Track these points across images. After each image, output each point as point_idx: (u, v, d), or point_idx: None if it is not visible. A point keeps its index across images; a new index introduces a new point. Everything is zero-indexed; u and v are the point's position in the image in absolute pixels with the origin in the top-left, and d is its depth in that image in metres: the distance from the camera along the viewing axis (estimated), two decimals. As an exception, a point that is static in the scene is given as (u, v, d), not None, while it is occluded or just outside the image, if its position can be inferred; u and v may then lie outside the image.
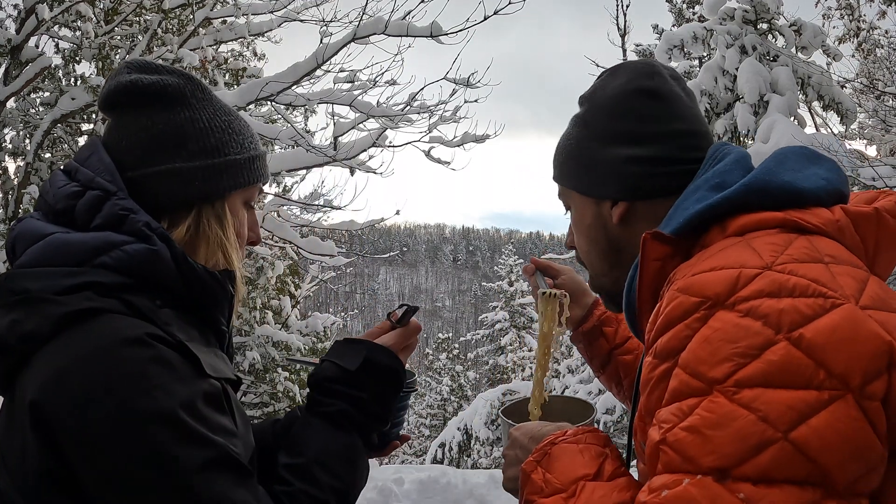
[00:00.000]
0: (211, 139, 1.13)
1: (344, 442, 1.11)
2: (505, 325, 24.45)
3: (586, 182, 1.17)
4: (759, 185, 0.98)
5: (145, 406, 0.92)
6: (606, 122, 1.15)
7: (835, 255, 0.90)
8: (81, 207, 1.06)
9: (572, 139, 1.20)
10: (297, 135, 6.45)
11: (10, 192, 8.38)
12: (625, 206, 1.13)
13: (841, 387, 0.78)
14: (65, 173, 1.12)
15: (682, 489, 0.79)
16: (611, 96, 1.16)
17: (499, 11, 5.71)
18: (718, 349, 0.82)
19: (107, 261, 1.01)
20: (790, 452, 0.77)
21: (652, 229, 1.01)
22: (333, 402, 1.12)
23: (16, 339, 0.97)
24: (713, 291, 0.86)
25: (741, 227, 0.96)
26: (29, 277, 1.00)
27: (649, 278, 1.00)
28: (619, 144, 1.13)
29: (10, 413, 0.99)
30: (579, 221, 1.21)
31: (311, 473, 1.06)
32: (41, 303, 0.97)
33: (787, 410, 0.77)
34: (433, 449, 13.90)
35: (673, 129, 1.12)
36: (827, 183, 1.00)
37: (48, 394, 0.93)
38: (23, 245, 1.05)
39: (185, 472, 0.92)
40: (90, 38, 8.20)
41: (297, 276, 14.89)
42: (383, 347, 1.17)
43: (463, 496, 5.99)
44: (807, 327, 0.80)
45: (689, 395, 0.83)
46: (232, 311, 1.17)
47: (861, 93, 11.04)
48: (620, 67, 1.20)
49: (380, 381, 1.15)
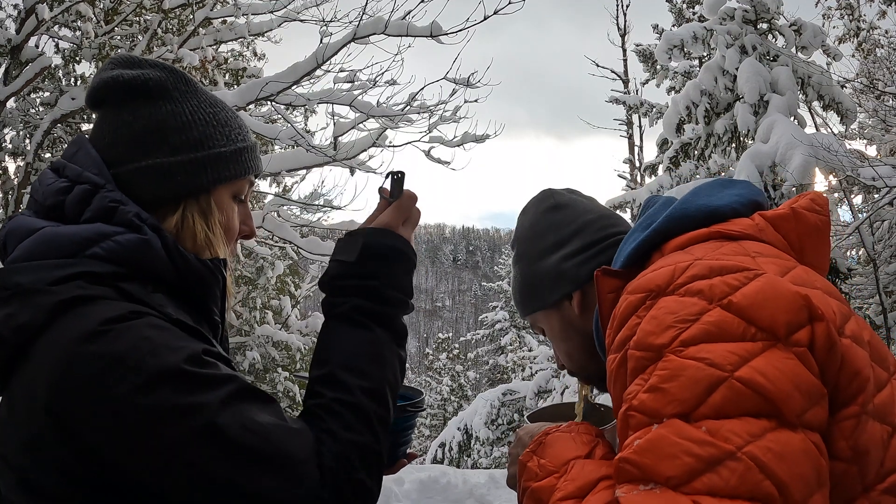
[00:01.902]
0: (194, 132, 1.11)
1: (364, 339, 1.07)
2: (505, 325, 24.43)
3: (541, 298, 1.32)
4: (678, 213, 1.12)
5: (152, 366, 0.91)
6: (532, 246, 1.34)
7: (761, 252, 1.03)
8: (71, 202, 1.05)
9: (517, 276, 1.38)
10: (297, 135, 6.45)
11: (10, 192, 8.39)
12: (578, 294, 1.28)
13: (770, 338, 0.89)
14: (53, 171, 1.11)
15: (651, 433, 0.87)
16: (528, 226, 1.36)
17: (499, 11, 5.71)
18: (662, 320, 0.93)
19: (98, 251, 1.01)
20: (739, 388, 0.85)
21: (601, 267, 1.15)
22: (345, 299, 1.09)
23: (10, 331, 0.96)
24: (655, 284, 0.98)
25: (677, 246, 1.09)
26: (21, 271, 1.00)
27: (607, 309, 1.12)
28: (549, 255, 1.31)
29: (10, 409, 0.98)
30: (552, 332, 1.35)
31: (338, 379, 1.03)
32: (34, 294, 0.97)
33: (729, 355, 0.87)
34: (433, 449, 13.90)
35: (582, 221, 1.31)
36: (740, 197, 1.13)
37: (57, 390, 0.92)
38: (14, 241, 1.05)
39: (209, 414, 0.91)
40: (90, 38, 8.20)
41: (297, 276, 14.90)
42: (380, 229, 1.12)
43: (463, 496, 5.99)
44: (734, 294, 0.92)
45: (645, 366, 0.92)
46: (224, 301, 1.16)
47: (861, 93, 11.04)
48: (526, 205, 1.41)
49: (386, 262, 1.11)
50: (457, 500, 5.95)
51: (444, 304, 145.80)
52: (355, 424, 1.01)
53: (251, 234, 1.23)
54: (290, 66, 6.38)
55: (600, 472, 1.00)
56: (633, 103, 15.42)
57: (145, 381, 0.91)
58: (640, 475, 0.85)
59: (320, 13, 7.09)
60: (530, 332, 23.62)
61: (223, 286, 1.14)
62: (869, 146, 11.96)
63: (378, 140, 6.79)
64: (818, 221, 1.11)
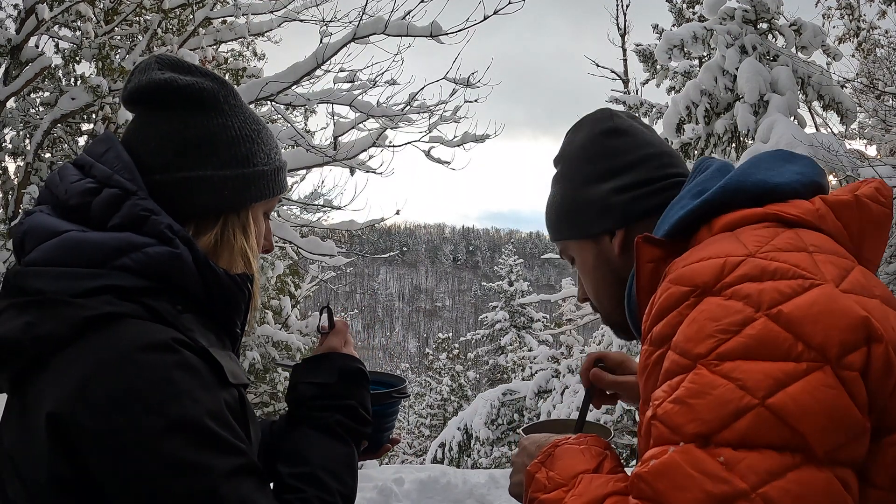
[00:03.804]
0: (242, 148, 1.11)
1: (344, 451, 1.13)
2: (505, 325, 24.42)
3: (580, 226, 1.23)
4: (734, 185, 1.03)
5: (173, 413, 0.90)
6: (582, 169, 1.23)
7: (819, 245, 0.94)
8: (98, 205, 1.02)
9: (557, 195, 1.27)
10: (297, 135, 6.45)
11: (10, 192, 8.39)
12: (622, 233, 1.19)
13: (819, 358, 0.81)
14: (77, 167, 1.08)
15: (667, 457, 0.83)
16: (580, 146, 1.25)
17: (499, 11, 5.72)
18: (703, 327, 0.86)
19: (127, 263, 0.98)
20: (767, 418, 0.80)
21: (643, 234, 1.07)
22: (327, 414, 1.14)
23: (30, 341, 0.93)
24: (701, 280, 0.91)
25: (727, 225, 1.00)
26: (43, 277, 0.97)
27: (645, 279, 1.05)
28: (599, 182, 1.20)
29: (22, 418, 0.96)
30: (584, 266, 1.26)
31: (320, 479, 1.07)
32: (59, 305, 0.94)
33: (764, 378, 0.81)
34: (433, 449, 13.90)
35: (643, 154, 1.21)
36: (801, 176, 1.04)
37: (70, 403, 0.90)
38: (33, 241, 1.01)
39: (214, 479, 0.91)
40: (90, 38, 8.19)
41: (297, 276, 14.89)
42: (344, 354, 1.20)
43: (463, 496, 5.99)
44: (785, 304, 0.84)
45: (677, 372, 0.87)
46: (248, 314, 1.16)
47: (861, 93, 11.04)
48: (581, 121, 1.30)
49: (357, 385, 1.18)
50: (457, 500, 5.95)
51: (444, 304, 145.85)
52: None
53: (270, 248, 1.24)
54: (290, 66, 6.38)
55: (608, 487, 0.97)
56: (633, 103, 15.41)
57: (162, 426, 0.89)
58: (653, 497, 0.83)
59: (320, 13, 7.09)
60: (530, 331, 23.61)
61: (248, 299, 1.14)
62: (869, 146, 11.97)
63: (378, 140, 6.79)
64: (881, 214, 1.01)
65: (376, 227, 7.64)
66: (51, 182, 1.08)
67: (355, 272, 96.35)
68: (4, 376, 0.98)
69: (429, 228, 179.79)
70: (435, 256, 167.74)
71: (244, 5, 8.03)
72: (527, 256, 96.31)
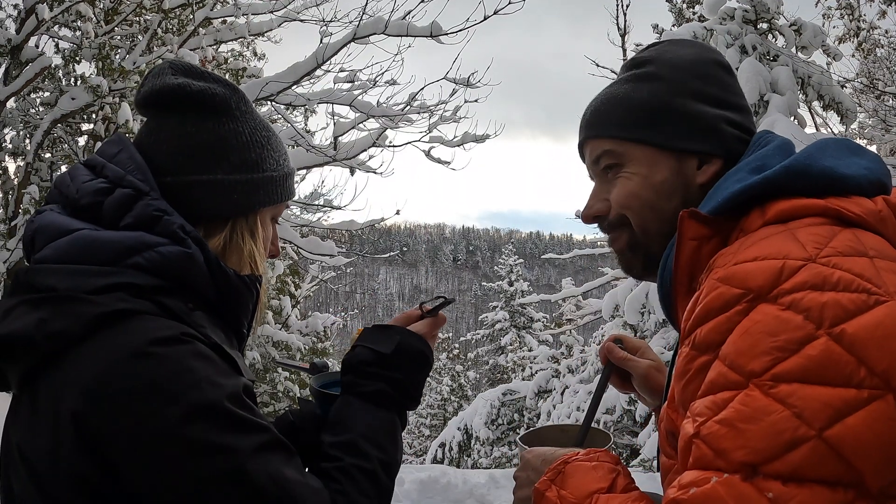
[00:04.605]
0: (252, 154, 1.12)
1: (385, 417, 1.14)
2: (505, 324, 24.41)
3: (669, 134, 1.09)
4: (799, 168, 0.95)
5: (193, 399, 0.92)
6: (691, 82, 1.11)
7: (879, 250, 0.87)
8: (110, 205, 1.02)
9: (644, 92, 1.11)
10: (297, 135, 6.45)
11: (10, 192, 8.39)
12: (720, 164, 1.08)
13: (882, 385, 0.76)
14: (88, 167, 1.08)
15: (709, 487, 0.77)
16: (690, 60, 1.13)
17: (499, 11, 5.73)
18: (758, 342, 0.80)
19: (140, 261, 0.99)
20: (823, 451, 0.74)
21: (689, 209, 0.99)
22: (372, 382, 1.15)
23: (43, 337, 0.94)
24: (756, 283, 0.84)
25: (782, 213, 0.93)
26: (55, 274, 0.97)
27: (685, 258, 0.98)
28: (708, 104, 1.09)
29: (33, 413, 0.96)
30: (647, 177, 1.10)
31: (359, 447, 1.08)
32: (71, 301, 0.95)
33: (823, 407, 0.75)
34: (433, 449, 13.89)
35: (744, 103, 1.14)
36: (869, 172, 0.97)
37: (90, 400, 0.91)
38: (44, 239, 1.01)
39: (240, 458, 0.93)
40: (90, 38, 8.19)
41: (297, 276, 14.90)
42: (414, 333, 1.22)
43: (463, 496, 5.98)
44: (849, 323, 0.78)
45: (725, 387, 0.81)
46: (255, 315, 1.18)
47: (861, 93, 11.05)
48: (682, 41, 1.18)
49: (412, 363, 1.19)
50: (457, 500, 5.95)
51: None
52: (369, 491, 1.06)
53: (277, 253, 1.26)
54: (290, 66, 6.39)
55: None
56: (633, 103, 15.41)
57: (184, 413, 0.91)
58: None
59: (320, 13, 7.09)
60: (530, 331, 23.61)
61: (256, 300, 1.16)
62: (869, 146, 11.97)
63: (378, 140, 6.79)
64: None
65: (376, 227, 7.65)
66: (61, 182, 1.09)
67: (355, 272, 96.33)
68: (14, 373, 0.99)
69: (429, 228, 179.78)
70: (435, 256, 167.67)
71: (244, 5, 8.03)
72: (527, 256, 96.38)
